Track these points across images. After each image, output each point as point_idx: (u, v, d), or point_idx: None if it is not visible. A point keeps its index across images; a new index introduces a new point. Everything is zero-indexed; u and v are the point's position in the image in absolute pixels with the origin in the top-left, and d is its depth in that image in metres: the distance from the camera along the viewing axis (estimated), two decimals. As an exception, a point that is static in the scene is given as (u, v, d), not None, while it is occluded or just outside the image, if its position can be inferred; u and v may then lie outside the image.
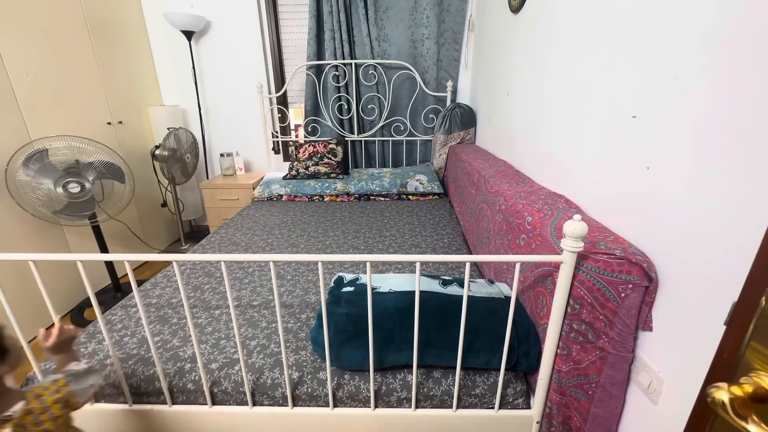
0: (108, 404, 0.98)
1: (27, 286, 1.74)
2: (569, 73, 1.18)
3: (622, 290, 0.77)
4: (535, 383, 0.94)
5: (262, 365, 1.00)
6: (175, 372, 0.98)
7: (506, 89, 1.82)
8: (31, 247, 1.86)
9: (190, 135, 2.62)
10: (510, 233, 1.17)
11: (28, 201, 1.71)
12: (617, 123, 0.92)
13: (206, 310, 1.24)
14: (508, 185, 1.36)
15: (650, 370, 0.79)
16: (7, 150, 1.69)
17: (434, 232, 1.91)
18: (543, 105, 1.37)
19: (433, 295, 0.97)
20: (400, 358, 0.93)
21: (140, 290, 1.37)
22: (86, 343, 1.09)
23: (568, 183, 1.18)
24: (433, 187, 2.48)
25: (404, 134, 2.79)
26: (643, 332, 0.81)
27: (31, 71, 1.85)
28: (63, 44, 2.04)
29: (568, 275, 0.78)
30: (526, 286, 1.01)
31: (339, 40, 2.54)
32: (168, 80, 2.83)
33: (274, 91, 2.83)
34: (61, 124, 1.99)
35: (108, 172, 1.89)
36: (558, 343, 0.85)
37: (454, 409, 0.93)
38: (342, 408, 0.95)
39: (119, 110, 2.43)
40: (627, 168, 0.88)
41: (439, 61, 2.61)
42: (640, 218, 0.83)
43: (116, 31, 2.42)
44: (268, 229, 1.99)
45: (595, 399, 0.86)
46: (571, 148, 1.16)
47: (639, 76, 0.84)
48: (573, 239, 0.74)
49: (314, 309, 1.24)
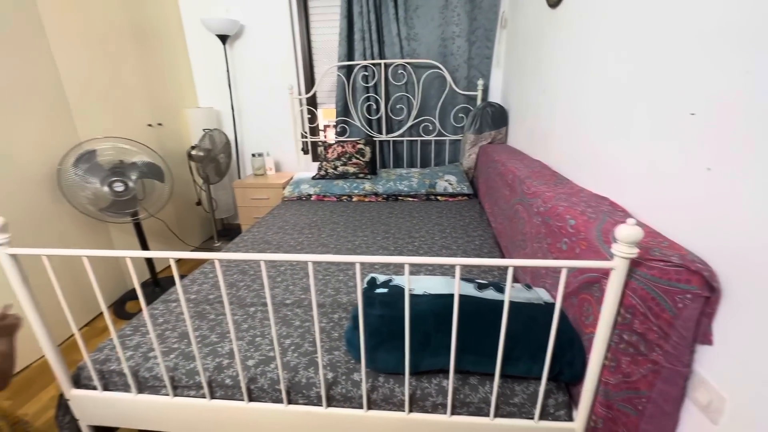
0: (150, 395, 1.02)
1: (75, 279, 1.85)
2: (615, 69, 1.12)
3: (679, 300, 0.72)
4: (578, 394, 0.89)
5: (297, 364, 1.00)
6: (214, 367, 1.01)
7: (542, 87, 1.76)
8: (79, 242, 1.97)
9: (224, 136, 2.70)
10: (549, 237, 1.12)
11: (78, 199, 1.82)
12: (673, 121, 0.86)
13: (241, 308, 1.27)
14: (546, 186, 1.31)
15: (710, 387, 0.73)
16: (59, 151, 1.80)
17: (464, 234, 1.88)
18: (585, 103, 1.31)
19: (470, 300, 0.95)
20: (436, 362, 0.91)
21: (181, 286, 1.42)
22: (131, 336, 1.14)
23: (612, 184, 1.12)
24: (463, 187, 2.43)
25: (433, 134, 2.76)
26: (701, 346, 0.76)
27: (81, 76, 1.96)
28: (109, 50, 2.15)
29: (619, 283, 0.73)
30: (569, 293, 0.97)
31: (369, 40, 2.55)
32: (203, 83, 2.93)
33: (304, 92, 2.88)
34: (106, 126, 2.10)
35: (149, 171, 1.97)
36: (606, 353, 0.80)
37: (491, 418, 0.90)
38: (376, 410, 0.95)
39: (159, 112, 2.54)
40: (684, 168, 0.82)
41: (470, 59, 2.56)
42: (700, 222, 0.77)
43: (157, 37, 2.53)
44: (299, 228, 2.02)
45: (646, 415, 0.81)
46: (617, 147, 1.10)
47: (700, 71, 0.78)
48: (626, 245, 0.70)
49: (345, 309, 1.24)
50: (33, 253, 0.86)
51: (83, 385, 1.05)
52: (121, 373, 1.03)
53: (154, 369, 1.02)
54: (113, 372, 1.04)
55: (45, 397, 1.54)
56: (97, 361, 1.05)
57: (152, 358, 1.05)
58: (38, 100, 1.76)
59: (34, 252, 0.86)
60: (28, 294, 0.91)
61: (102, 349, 1.10)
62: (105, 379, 1.04)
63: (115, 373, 1.04)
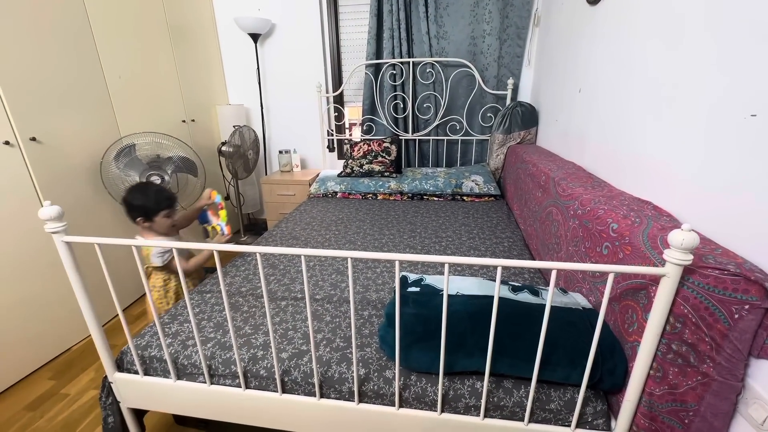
0: (188, 382, 1.05)
1: (112, 268, 1.94)
2: (660, 69, 1.07)
3: (735, 311, 0.68)
4: (617, 404, 0.87)
5: (329, 359, 1.02)
6: (249, 358, 1.03)
7: (578, 87, 1.71)
8: (118, 233, 2.06)
9: (253, 132, 2.76)
10: (588, 240, 1.09)
11: (118, 192, 1.89)
12: (728, 122, 0.82)
13: (272, 301, 1.30)
14: (582, 188, 1.28)
15: (766, 404, 0.69)
16: (101, 145, 1.88)
17: (492, 235, 1.85)
18: (625, 103, 1.27)
19: (506, 302, 0.93)
20: (471, 363, 0.90)
21: (213, 277, 1.46)
22: (169, 324, 1.18)
23: (656, 188, 1.08)
24: (490, 188, 2.40)
25: (460, 133, 2.73)
26: (757, 360, 0.72)
27: (122, 73, 2.05)
28: (148, 48, 2.23)
29: (670, 290, 0.70)
30: (611, 299, 0.94)
31: (398, 38, 2.54)
32: (234, 81, 3.00)
33: (332, 90, 2.90)
34: (144, 122, 2.18)
35: (184, 166, 2.04)
36: (652, 363, 0.77)
37: (525, 423, 0.89)
38: (407, 409, 0.95)
39: (192, 109, 2.62)
40: (741, 172, 0.78)
41: (500, 58, 2.52)
42: (757, 230, 0.73)
43: (192, 36, 2.61)
44: (325, 225, 2.04)
45: (692, 429, 0.78)
46: (663, 149, 1.05)
47: (762, 68, 0.74)
48: (680, 251, 0.67)
49: (375, 306, 1.24)
50: (86, 241, 0.91)
51: (125, 369, 1.10)
52: (161, 359, 1.07)
53: (192, 357, 1.06)
54: (153, 358, 1.08)
55: (85, 379, 1.62)
56: (139, 347, 1.10)
57: (190, 346, 1.08)
58: (84, 96, 1.84)
59: (88, 240, 0.91)
60: (78, 279, 0.96)
61: (143, 335, 1.14)
62: (146, 365, 1.08)
63: (155, 359, 1.08)
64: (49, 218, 0.87)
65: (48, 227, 0.88)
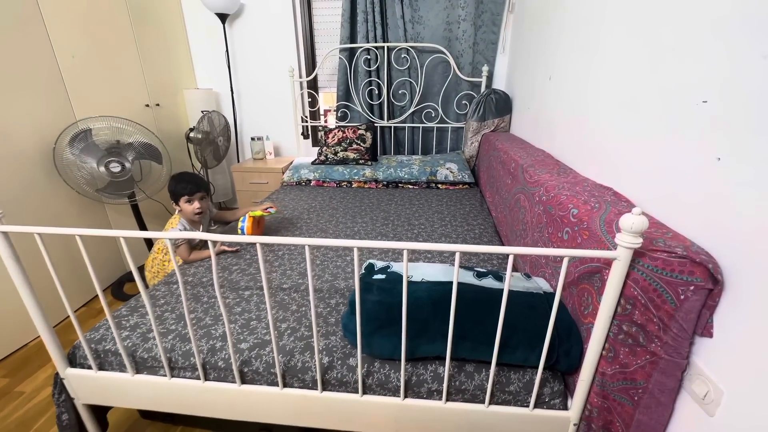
0: (148, 376, 1.02)
1: (73, 260, 1.85)
2: (624, 55, 1.08)
3: (681, 292, 0.70)
4: (573, 384, 0.89)
5: (293, 348, 1.00)
6: (208, 349, 1.01)
7: (548, 74, 1.72)
8: (76, 222, 1.96)
9: (223, 118, 2.66)
10: (551, 226, 1.11)
11: (74, 179, 1.79)
12: (682, 109, 0.84)
13: (234, 291, 1.26)
14: (549, 175, 1.29)
15: (707, 380, 0.72)
16: (54, 129, 1.77)
17: (464, 222, 1.86)
18: (591, 90, 1.28)
19: (468, 288, 0.94)
20: (433, 349, 0.91)
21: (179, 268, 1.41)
22: (128, 317, 1.13)
23: (616, 174, 1.10)
24: (464, 176, 2.41)
25: (435, 121, 2.71)
26: (700, 338, 0.75)
27: (76, 53, 1.91)
28: (105, 27, 2.09)
29: (621, 273, 0.72)
30: (569, 283, 0.96)
31: (372, 22, 2.48)
32: (202, 64, 2.87)
33: (305, 75, 2.82)
34: (103, 106, 2.06)
35: (146, 152, 1.94)
36: (604, 344, 0.79)
37: (486, 405, 0.90)
38: (371, 395, 0.95)
39: (156, 93, 2.49)
40: (692, 158, 0.80)
41: (475, 45, 2.51)
42: (706, 214, 0.75)
43: (154, 14, 2.47)
44: (297, 213, 2.00)
45: (641, 405, 0.81)
46: (623, 136, 1.07)
47: (714, 57, 0.76)
48: (631, 234, 0.68)
49: (343, 294, 1.23)
50: (24, 231, 0.84)
51: (79, 364, 1.05)
52: (117, 353, 1.02)
53: (153, 350, 1.02)
54: (109, 352, 1.03)
55: (42, 376, 1.55)
56: (93, 341, 1.05)
57: (151, 338, 1.04)
58: (33, 78, 1.71)
59: (26, 230, 0.84)
60: (20, 272, 0.90)
61: (98, 328, 1.09)
62: (101, 359, 1.04)
63: (111, 353, 1.03)
64: (-19, 206, 0.81)
65: (-20, 216, 0.82)
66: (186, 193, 1.54)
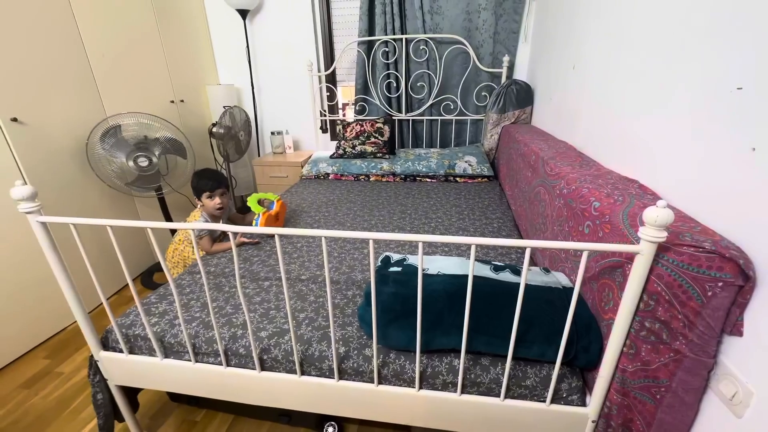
0: (175, 360, 1.07)
1: (105, 250, 1.95)
2: (654, 42, 1.03)
3: (709, 288, 0.67)
4: (592, 380, 0.87)
5: (311, 337, 1.02)
6: (229, 336, 1.04)
7: (572, 63, 1.66)
8: (108, 215, 2.06)
9: (244, 113, 2.71)
10: (572, 219, 1.08)
11: (105, 173, 1.88)
12: (715, 96, 0.79)
13: (254, 281, 1.30)
14: (570, 168, 1.25)
15: (736, 380, 0.69)
16: (87, 125, 1.85)
17: (483, 216, 1.84)
18: (617, 79, 1.23)
19: (485, 281, 0.93)
20: (448, 341, 0.91)
21: (202, 259, 1.46)
22: (157, 304, 1.19)
23: (643, 166, 1.05)
24: (483, 169, 2.37)
25: (454, 113, 2.68)
26: (729, 336, 0.72)
27: (106, 52, 1.99)
28: (133, 27, 2.17)
29: (644, 268, 0.70)
30: (589, 277, 0.93)
31: (390, 14, 2.46)
32: (224, 60, 2.93)
33: (323, 69, 2.83)
34: (131, 102, 2.14)
35: (172, 147, 2.01)
36: (625, 340, 0.77)
37: (501, 398, 0.90)
38: (386, 385, 0.96)
39: (181, 89, 2.57)
40: (724, 149, 0.76)
41: (495, 34, 2.44)
42: (738, 207, 0.72)
43: (178, 13, 2.53)
44: (316, 206, 2.03)
45: (664, 404, 0.78)
46: (650, 126, 1.03)
47: (751, 40, 0.71)
48: (654, 228, 0.66)
49: (360, 286, 1.25)
50: (61, 221, 0.90)
51: (111, 348, 1.11)
52: (146, 338, 1.08)
53: (178, 335, 1.07)
54: (138, 336, 1.09)
55: (79, 358, 1.65)
56: (124, 326, 1.11)
57: (177, 325, 1.09)
58: (66, 77, 1.80)
59: (62, 220, 0.90)
60: (57, 261, 0.96)
61: (128, 314, 1.15)
62: (131, 344, 1.10)
63: (140, 338, 1.09)
64: (22, 198, 0.86)
65: (21, 207, 0.87)
66: (207, 189, 1.59)
